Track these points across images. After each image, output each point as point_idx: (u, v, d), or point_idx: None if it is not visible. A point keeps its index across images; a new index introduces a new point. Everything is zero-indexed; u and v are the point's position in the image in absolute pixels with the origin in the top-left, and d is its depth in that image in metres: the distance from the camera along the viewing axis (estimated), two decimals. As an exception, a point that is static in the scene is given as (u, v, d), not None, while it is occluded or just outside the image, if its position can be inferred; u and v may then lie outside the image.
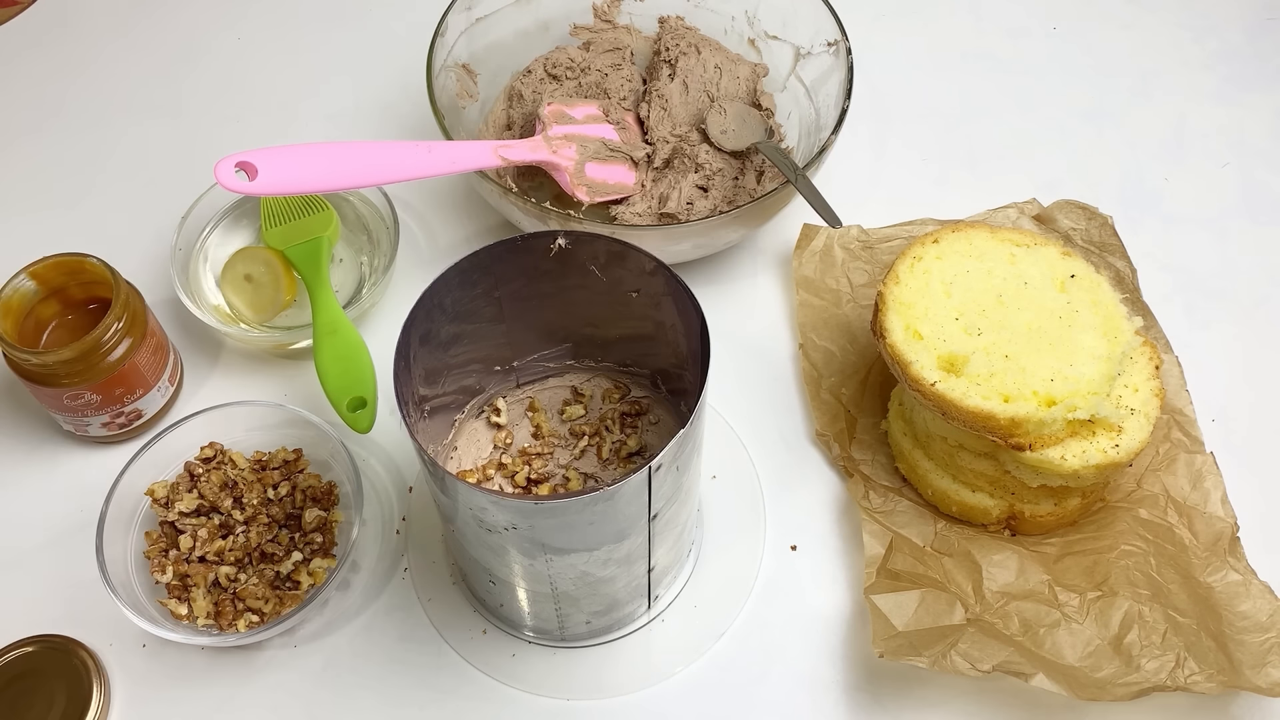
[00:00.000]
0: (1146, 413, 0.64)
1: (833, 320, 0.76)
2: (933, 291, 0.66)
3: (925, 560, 0.65)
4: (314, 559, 0.66)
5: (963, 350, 0.64)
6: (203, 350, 0.77)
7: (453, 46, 0.80)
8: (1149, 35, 0.95)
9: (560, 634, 0.65)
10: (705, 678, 0.65)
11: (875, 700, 0.64)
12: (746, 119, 0.82)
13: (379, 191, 0.79)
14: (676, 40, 0.84)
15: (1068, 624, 0.63)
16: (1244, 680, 0.60)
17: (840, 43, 0.79)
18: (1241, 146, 0.88)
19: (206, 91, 0.91)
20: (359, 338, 0.72)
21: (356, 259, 0.80)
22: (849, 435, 0.72)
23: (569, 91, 0.84)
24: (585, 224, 0.73)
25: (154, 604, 0.65)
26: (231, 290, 0.77)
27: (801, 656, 0.66)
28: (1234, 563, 0.65)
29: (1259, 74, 0.92)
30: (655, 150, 0.81)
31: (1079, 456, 0.62)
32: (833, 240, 0.79)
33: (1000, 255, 0.67)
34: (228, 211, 0.80)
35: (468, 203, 0.84)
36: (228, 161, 0.61)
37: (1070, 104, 0.91)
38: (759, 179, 0.81)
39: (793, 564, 0.69)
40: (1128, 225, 0.80)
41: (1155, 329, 0.76)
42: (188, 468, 0.69)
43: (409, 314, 0.56)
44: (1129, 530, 0.66)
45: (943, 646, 0.60)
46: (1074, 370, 0.62)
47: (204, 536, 0.66)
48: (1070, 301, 0.65)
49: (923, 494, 0.70)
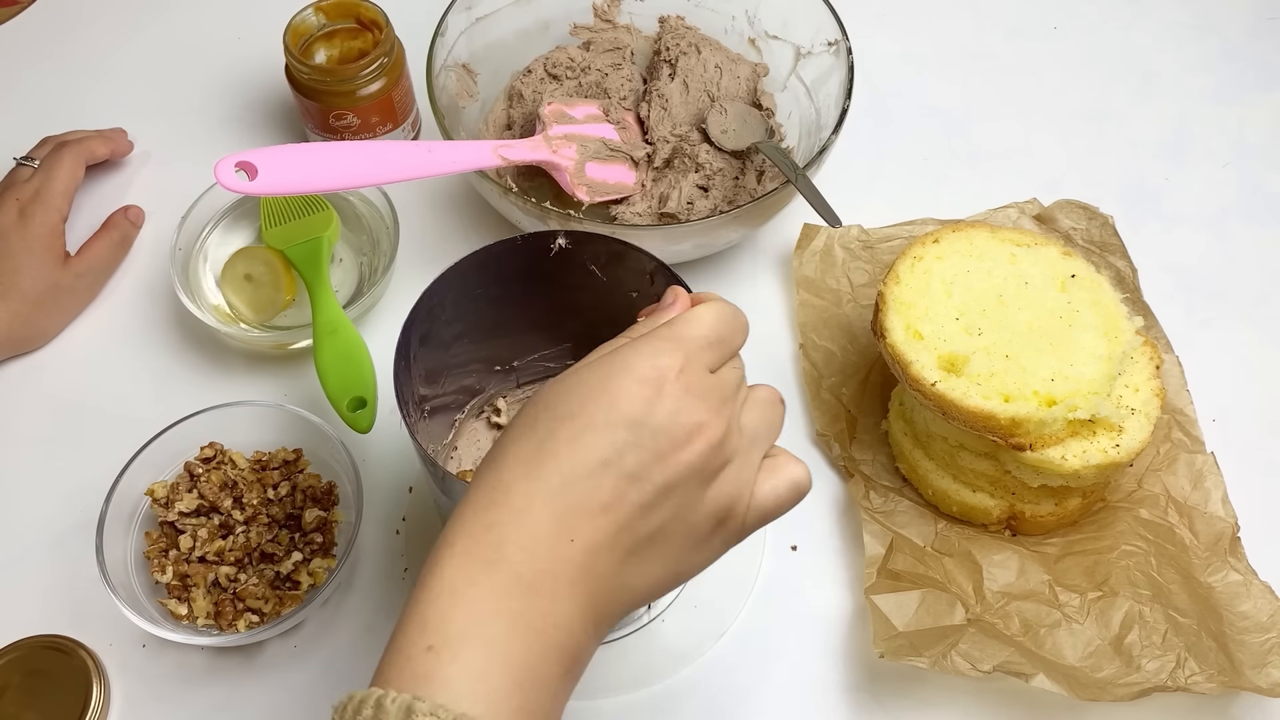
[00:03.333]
0: (1147, 413, 0.64)
1: (833, 320, 0.76)
2: (933, 291, 0.66)
3: (926, 560, 0.65)
4: (314, 559, 0.66)
5: (963, 350, 0.64)
6: (203, 350, 0.77)
7: (453, 46, 0.80)
8: (1149, 35, 0.95)
9: (560, 634, 0.65)
10: (705, 678, 0.65)
11: (875, 700, 0.64)
12: (747, 119, 0.81)
13: (379, 191, 0.79)
14: (677, 40, 0.84)
15: (1068, 624, 0.63)
16: (1244, 680, 0.60)
17: (840, 42, 0.79)
18: (1242, 146, 0.88)
19: (206, 91, 0.91)
20: (359, 338, 0.72)
21: (356, 259, 0.80)
22: (849, 435, 0.72)
23: (569, 91, 0.84)
24: (585, 224, 0.73)
25: (154, 604, 0.65)
26: (231, 290, 0.77)
27: (802, 656, 0.66)
28: (1234, 563, 0.65)
29: (1259, 74, 0.92)
30: (655, 150, 0.81)
31: (1079, 456, 0.62)
32: (833, 240, 0.79)
33: (1001, 255, 0.67)
34: (228, 211, 0.80)
35: (468, 203, 0.84)
36: (228, 161, 0.61)
37: (1070, 104, 0.91)
38: (759, 179, 0.81)
39: (793, 564, 0.69)
40: (1128, 225, 0.80)
41: (1156, 329, 0.76)
42: (187, 468, 0.69)
43: (409, 314, 0.56)
44: (1130, 530, 0.66)
45: (943, 647, 0.60)
46: (1074, 370, 0.62)
47: (204, 536, 0.66)
48: (1071, 301, 0.65)
49: (923, 494, 0.70)
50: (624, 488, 0.42)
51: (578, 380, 0.44)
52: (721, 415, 0.43)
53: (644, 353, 0.43)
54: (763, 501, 0.45)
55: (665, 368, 0.43)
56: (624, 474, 0.42)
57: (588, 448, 0.42)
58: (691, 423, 0.42)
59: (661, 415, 0.42)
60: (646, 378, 0.43)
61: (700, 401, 0.43)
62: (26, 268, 0.74)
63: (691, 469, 0.42)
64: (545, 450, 0.42)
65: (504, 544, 0.41)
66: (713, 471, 0.43)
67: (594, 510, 0.42)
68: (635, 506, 0.42)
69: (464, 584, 0.41)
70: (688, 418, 0.42)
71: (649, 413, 0.42)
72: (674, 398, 0.42)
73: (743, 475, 0.44)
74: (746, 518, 0.45)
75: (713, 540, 0.45)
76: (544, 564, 0.41)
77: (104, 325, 0.79)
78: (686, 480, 0.42)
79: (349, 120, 0.81)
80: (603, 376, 0.43)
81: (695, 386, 0.43)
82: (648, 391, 0.42)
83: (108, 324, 0.79)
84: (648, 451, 0.42)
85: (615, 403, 0.42)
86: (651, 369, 0.43)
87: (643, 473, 0.42)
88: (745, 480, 0.44)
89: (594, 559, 0.42)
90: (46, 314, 0.76)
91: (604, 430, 0.42)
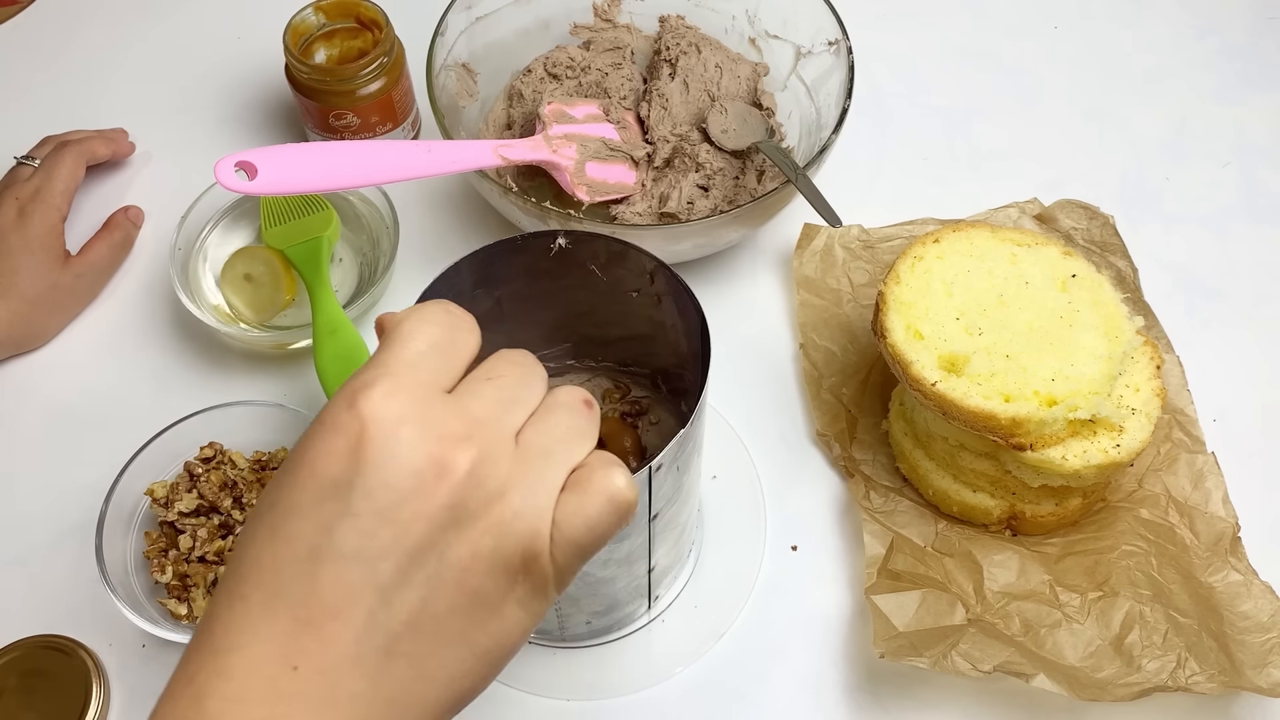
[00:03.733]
0: (1148, 412, 0.64)
1: (833, 320, 0.76)
2: (933, 291, 0.66)
3: (926, 560, 0.65)
4: (314, 559, 0.66)
5: (963, 350, 0.63)
6: (202, 350, 0.77)
7: (453, 46, 0.80)
8: (1150, 34, 0.95)
9: (560, 634, 0.65)
10: (705, 678, 0.65)
11: (875, 700, 0.64)
12: (747, 118, 0.81)
13: (379, 191, 0.79)
14: (677, 39, 0.84)
15: (1069, 624, 0.63)
16: (1245, 681, 0.60)
17: (841, 42, 0.79)
18: (1242, 146, 0.88)
19: (206, 91, 0.91)
20: (359, 338, 0.72)
21: (356, 259, 0.80)
22: (849, 435, 0.72)
23: (569, 91, 0.84)
24: (585, 224, 0.73)
25: (154, 604, 0.65)
26: (231, 290, 0.77)
27: (802, 656, 0.65)
28: (1235, 563, 0.65)
29: (1260, 74, 0.92)
30: (655, 150, 0.81)
31: (1080, 456, 0.62)
32: (833, 240, 0.79)
33: (1001, 255, 0.67)
34: (227, 211, 0.80)
35: (468, 203, 0.84)
36: (227, 161, 0.61)
37: (1071, 104, 0.91)
38: (759, 178, 0.81)
39: (793, 564, 0.69)
40: (1129, 225, 0.80)
41: (1156, 328, 0.76)
42: (187, 468, 0.69)
43: (409, 314, 0.56)
44: (1130, 530, 0.66)
45: (943, 647, 0.60)
46: (1075, 370, 0.62)
47: (204, 536, 0.66)
48: (1071, 301, 0.65)
49: (923, 494, 0.70)
50: (348, 576, 0.32)
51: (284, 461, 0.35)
52: (471, 439, 0.33)
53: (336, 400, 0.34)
54: (573, 530, 0.34)
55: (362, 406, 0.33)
56: (342, 559, 0.32)
57: (288, 540, 0.33)
58: (421, 458, 0.33)
59: (371, 467, 0.32)
60: (340, 425, 0.33)
61: (429, 430, 0.33)
62: (25, 267, 0.74)
63: (437, 520, 0.33)
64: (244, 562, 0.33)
65: (203, 699, 0.32)
66: (474, 513, 0.33)
67: (315, 620, 0.32)
68: (370, 596, 0.32)
69: None
70: (410, 458, 0.32)
71: (355, 469, 0.32)
72: (385, 437, 0.32)
73: (531, 504, 0.34)
74: (556, 556, 0.35)
75: (514, 595, 0.34)
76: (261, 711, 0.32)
77: (104, 325, 0.79)
78: (433, 538, 0.33)
79: (349, 120, 0.81)
80: (300, 446, 0.34)
81: (418, 414, 0.33)
82: (347, 444, 0.32)
83: (108, 324, 0.79)
84: (366, 518, 0.32)
85: (312, 470, 0.33)
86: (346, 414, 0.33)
87: (367, 549, 0.32)
88: (537, 510, 0.34)
89: (334, 685, 0.32)
90: (46, 313, 0.76)
91: (304, 511, 0.33)
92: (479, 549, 0.33)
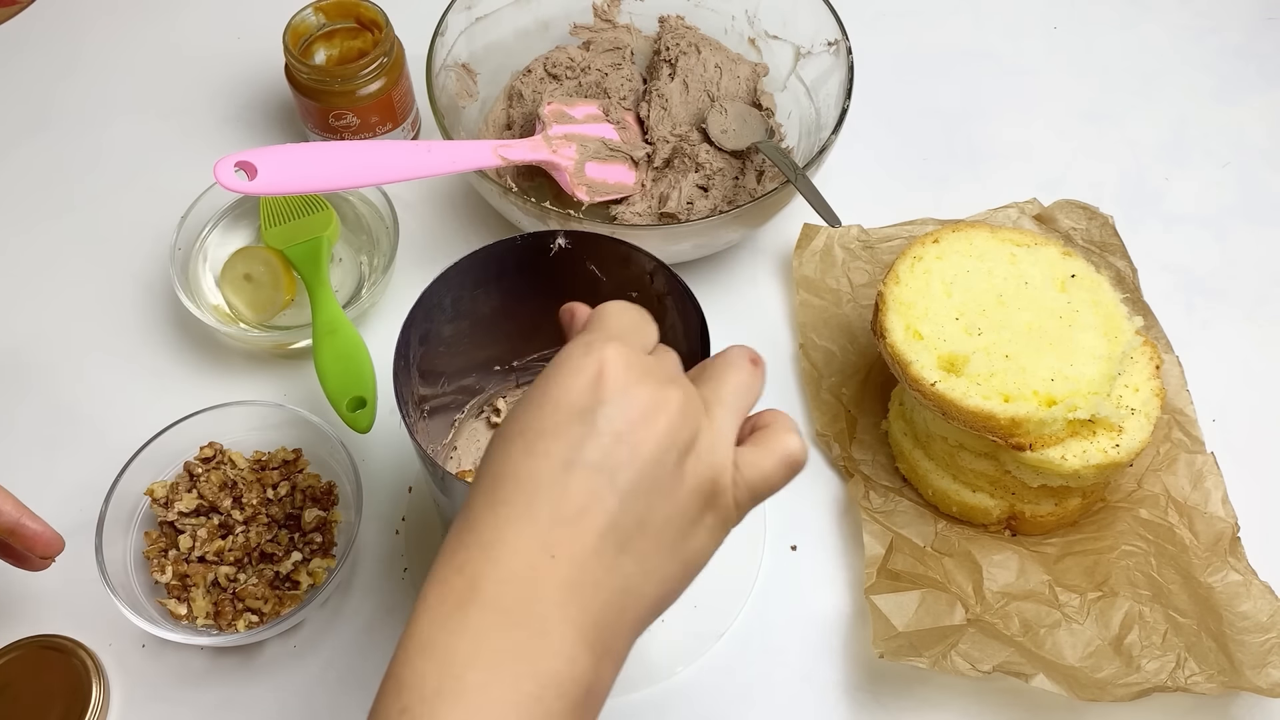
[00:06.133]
0: (1147, 413, 0.64)
1: (833, 320, 0.76)
2: (933, 291, 0.66)
3: (925, 560, 0.65)
4: (314, 559, 0.66)
5: (963, 350, 0.64)
6: (202, 350, 0.77)
7: (452, 46, 0.80)
8: (1149, 35, 0.95)
9: (560, 634, 0.65)
10: (705, 678, 0.65)
11: (875, 700, 0.64)
12: (747, 119, 0.81)
13: (379, 191, 0.79)
14: (677, 40, 0.84)
15: (1068, 624, 0.63)
16: (1244, 681, 0.60)
17: (840, 42, 0.79)
18: (1242, 146, 0.88)
19: (207, 91, 0.91)
20: (359, 338, 0.72)
21: (356, 259, 0.80)
22: (849, 435, 0.72)
23: (569, 91, 0.84)
24: (585, 224, 0.73)
25: (153, 604, 0.65)
26: (231, 290, 0.77)
27: (801, 656, 0.66)
28: (1234, 563, 0.65)
29: (1259, 74, 0.92)
30: (655, 150, 0.81)
31: (1079, 456, 0.62)
32: (833, 240, 0.79)
33: (1001, 255, 0.67)
34: (227, 211, 0.80)
35: (468, 203, 0.84)
36: (227, 161, 0.61)
37: (1070, 104, 0.91)
38: (759, 179, 0.81)
39: (793, 564, 0.69)
40: (1128, 225, 0.80)
41: (1156, 329, 0.76)
42: (187, 467, 0.69)
43: (409, 314, 0.56)
44: (1129, 530, 0.66)
45: (943, 647, 0.60)
46: (1074, 370, 0.62)
47: (203, 536, 0.66)
48: (1071, 301, 0.65)
49: (923, 494, 0.70)
50: (594, 483, 0.39)
51: (522, 400, 0.42)
52: (676, 384, 0.42)
53: (573, 350, 0.42)
54: (751, 476, 0.42)
55: (598, 354, 0.41)
56: (590, 469, 0.39)
57: (544, 456, 0.40)
58: (644, 397, 0.40)
59: (610, 398, 0.40)
60: (582, 369, 0.41)
61: (646, 376, 0.41)
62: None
63: (659, 444, 0.40)
64: (504, 475, 0.40)
65: (478, 581, 0.38)
66: (684, 445, 0.41)
67: (569, 517, 0.39)
68: (611, 499, 0.39)
69: (439, 634, 0.38)
70: (638, 393, 0.40)
71: (597, 400, 0.40)
72: (617, 378, 0.41)
73: (717, 446, 0.42)
74: (736, 494, 0.42)
75: (705, 521, 0.42)
76: (524, 591, 0.38)
77: (104, 325, 0.79)
78: (658, 457, 0.40)
79: (349, 120, 0.81)
80: (542, 387, 0.42)
81: (636, 364, 0.41)
82: (588, 381, 0.41)
83: (107, 324, 0.79)
84: (607, 438, 0.40)
85: (559, 403, 0.41)
86: (585, 359, 0.41)
87: (609, 462, 0.40)
88: (722, 452, 0.42)
89: (582, 570, 0.39)
90: None
91: (556, 433, 0.40)
92: (684, 473, 0.41)
